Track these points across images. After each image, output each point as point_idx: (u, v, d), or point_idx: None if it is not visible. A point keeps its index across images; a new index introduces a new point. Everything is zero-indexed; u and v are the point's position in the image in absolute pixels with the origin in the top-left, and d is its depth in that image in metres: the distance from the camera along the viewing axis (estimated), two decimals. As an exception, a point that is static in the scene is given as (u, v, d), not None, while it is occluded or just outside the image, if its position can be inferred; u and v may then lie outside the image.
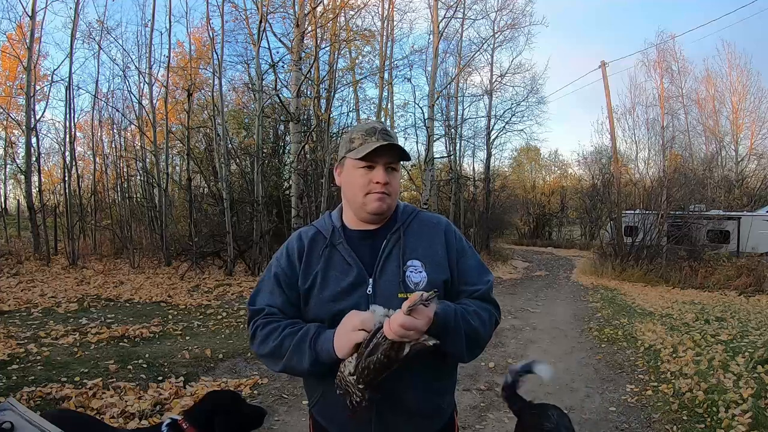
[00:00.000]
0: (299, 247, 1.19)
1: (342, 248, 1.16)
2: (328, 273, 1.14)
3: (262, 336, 1.13)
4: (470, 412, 3.45)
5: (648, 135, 17.11)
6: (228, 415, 1.74)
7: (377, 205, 1.13)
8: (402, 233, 1.17)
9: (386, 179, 1.12)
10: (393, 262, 1.14)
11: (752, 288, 10.32)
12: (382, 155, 1.12)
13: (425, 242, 1.17)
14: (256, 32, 10.97)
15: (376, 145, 1.10)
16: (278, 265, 1.20)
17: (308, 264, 1.16)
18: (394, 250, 1.15)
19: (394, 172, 1.16)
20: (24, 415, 1.12)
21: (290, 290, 1.17)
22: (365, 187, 1.13)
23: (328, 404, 1.15)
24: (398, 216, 1.21)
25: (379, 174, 1.12)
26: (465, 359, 1.12)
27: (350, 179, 1.16)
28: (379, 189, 1.12)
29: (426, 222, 1.22)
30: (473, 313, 1.11)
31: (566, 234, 29.21)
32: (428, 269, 1.13)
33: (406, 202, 1.27)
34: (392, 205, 1.18)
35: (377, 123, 1.18)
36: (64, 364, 3.89)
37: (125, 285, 8.35)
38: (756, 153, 20.44)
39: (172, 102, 15.21)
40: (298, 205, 10.30)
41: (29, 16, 11.03)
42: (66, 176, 11.45)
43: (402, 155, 1.15)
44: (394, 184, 1.15)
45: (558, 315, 7.50)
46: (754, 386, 3.49)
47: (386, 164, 1.13)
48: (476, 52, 17.40)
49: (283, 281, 1.18)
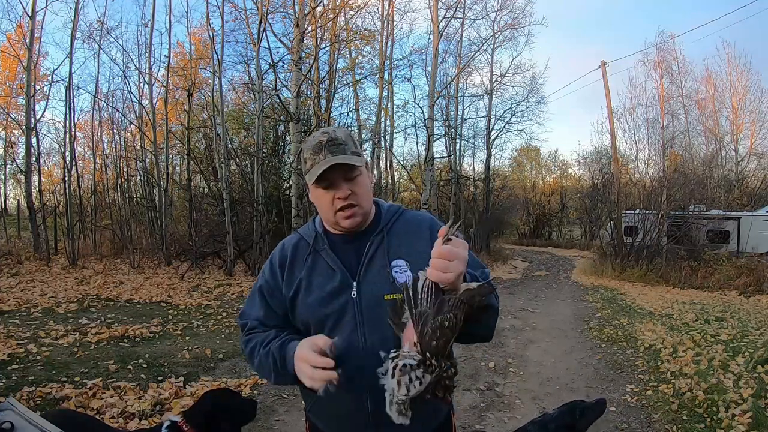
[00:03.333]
0: (281, 257, 1.19)
1: (325, 254, 1.15)
2: (312, 279, 1.14)
3: (247, 353, 1.18)
4: (470, 412, 3.45)
5: (648, 135, 17.15)
6: (226, 413, 1.76)
7: (349, 222, 1.12)
8: (385, 234, 1.16)
9: (347, 192, 1.09)
10: (377, 264, 1.12)
11: (752, 288, 10.32)
12: (335, 170, 1.07)
13: (409, 241, 1.15)
14: (256, 32, 10.98)
15: (322, 168, 1.06)
16: (263, 277, 1.21)
17: (291, 272, 1.16)
18: (378, 252, 1.13)
19: (357, 177, 1.11)
20: (24, 415, 1.12)
21: (273, 300, 1.17)
22: (331, 206, 1.11)
23: (324, 406, 1.14)
24: (381, 217, 1.19)
25: (340, 191, 1.09)
26: (491, 335, 1.12)
27: (316, 201, 1.14)
28: (344, 204, 1.09)
29: (410, 221, 1.20)
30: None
31: (566, 234, 29.19)
32: (413, 268, 1.11)
33: (390, 203, 1.26)
34: (367, 212, 1.15)
35: (322, 134, 1.10)
36: (64, 364, 3.89)
37: (125, 285, 8.35)
38: (756, 153, 20.45)
39: (172, 102, 15.22)
40: (298, 205, 10.29)
41: (29, 16, 11.04)
42: (66, 176, 11.46)
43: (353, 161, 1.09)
44: (359, 191, 1.11)
45: (558, 315, 7.50)
46: (754, 386, 3.49)
47: (344, 177, 1.09)
48: (476, 52, 17.42)
49: (266, 292, 1.18)
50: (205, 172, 14.17)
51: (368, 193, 1.15)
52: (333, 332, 1.09)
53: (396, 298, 1.08)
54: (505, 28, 17.15)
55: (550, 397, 3.81)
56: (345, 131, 1.14)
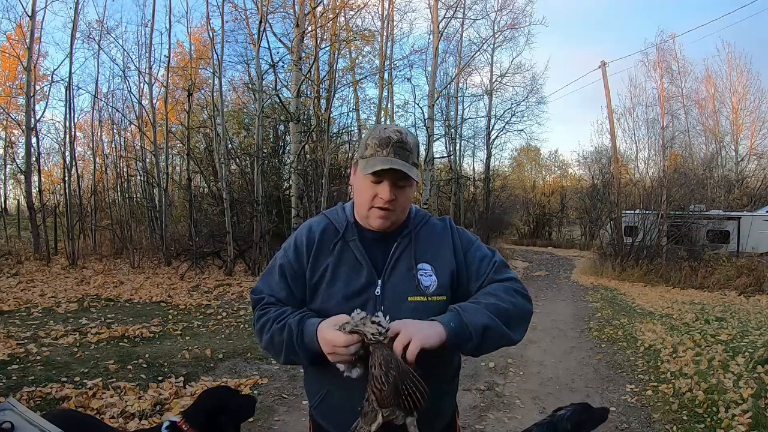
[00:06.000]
0: (309, 240, 1.16)
1: (354, 246, 1.14)
2: (338, 268, 1.13)
3: (257, 328, 1.15)
4: (470, 412, 3.45)
5: (648, 135, 17.19)
6: (225, 411, 1.75)
7: (380, 223, 1.12)
8: (413, 237, 1.16)
9: (391, 196, 1.08)
10: (403, 265, 1.13)
11: (752, 288, 10.32)
12: (391, 172, 1.07)
13: (434, 246, 1.16)
14: (256, 32, 10.99)
15: (382, 166, 1.05)
16: (284, 256, 1.18)
17: (317, 257, 1.14)
18: (405, 253, 1.14)
19: (405, 188, 1.11)
20: (24, 415, 1.12)
21: (295, 283, 1.15)
22: (370, 200, 1.10)
23: (331, 405, 1.14)
24: (410, 220, 1.19)
25: (385, 191, 1.08)
26: (514, 338, 1.08)
27: (358, 187, 1.13)
28: (383, 205, 1.09)
29: (435, 227, 1.21)
30: (487, 295, 1.09)
31: (566, 234, 29.19)
32: (438, 273, 1.13)
33: (418, 207, 1.26)
34: (398, 221, 1.15)
35: (395, 132, 1.09)
36: (64, 364, 3.89)
37: (125, 285, 8.35)
38: (756, 153, 20.45)
39: (172, 102, 15.21)
40: (298, 205, 10.31)
41: (29, 16, 11.03)
42: (66, 176, 11.45)
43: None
44: (402, 200, 1.11)
45: (558, 315, 7.50)
46: (754, 386, 3.49)
47: (394, 181, 1.08)
48: (476, 52, 17.45)
49: (288, 273, 1.16)
50: (205, 172, 14.16)
51: (407, 204, 1.16)
52: None
53: (420, 301, 1.10)
54: (505, 28, 17.20)
55: (550, 397, 3.81)
56: (415, 139, 1.14)
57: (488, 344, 1.04)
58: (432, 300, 1.10)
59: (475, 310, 1.04)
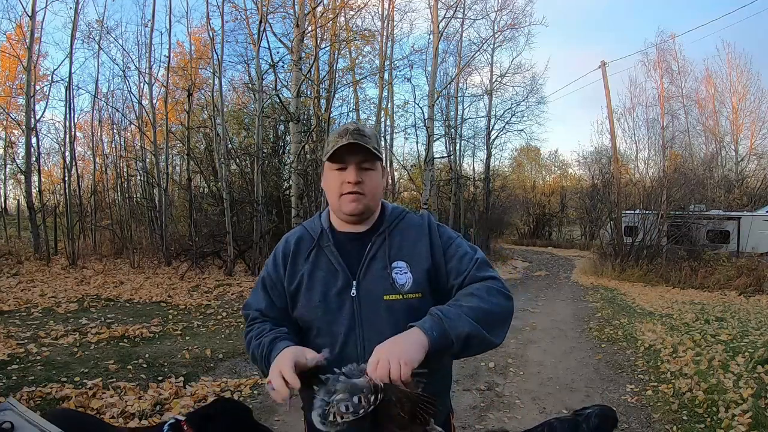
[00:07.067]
0: (284, 250, 1.20)
1: (329, 251, 1.16)
2: (314, 274, 1.15)
3: (246, 343, 1.19)
4: (470, 412, 3.44)
5: (648, 135, 17.17)
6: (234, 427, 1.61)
7: (352, 207, 1.12)
8: (387, 235, 1.16)
9: (357, 179, 1.11)
10: (377, 265, 1.13)
11: (752, 288, 10.32)
12: (354, 155, 1.10)
13: (410, 243, 1.16)
14: (256, 32, 10.98)
15: (340, 144, 1.08)
16: (266, 270, 1.23)
17: (294, 265, 1.17)
18: (379, 252, 1.14)
19: (370, 171, 1.13)
20: (24, 415, 1.12)
21: (274, 293, 1.19)
22: (338, 188, 1.12)
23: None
24: (385, 218, 1.20)
25: (351, 174, 1.10)
26: (495, 342, 1.06)
27: (326, 182, 1.16)
28: (351, 189, 1.11)
29: (412, 223, 1.20)
30: (469, 296, 1.07)
31: (566, 234, 29.22)
32: (413, 270, 1.12)
33: (395, 204, 1.27)
34: (370, 205, 1.15)
35: (352, 124, 1.14)
36: (64, 364, 3.89)
37: (125, 285, 8.35)
38: (756, 153, 20.47)
39: (172, 102, 15.20)
40: (298, 205, 10.30)
41: (29, 16, 11.02)
42: (66, 176, 11.44)
43: (373, 152, 1.12)
44: (369, 183, 1.13)
45: (558, 315, 7.50)
46: (754, 386, 3.49)
47: (358, 163, 1.11)
48: (476, 52, 17.44)
49: (268, 285, 1.20)
50: (205, 172, 14.16)
51: (377, 190, 1.17)
52: (330, 329, 1.10)
53: (395, 299, 1.09)
54: (505, 28, 17.17)
55: (550, 397, 3.81)
56: (373, 129, 1.17)
57: (469, 351, 1.04)
58: (408, 297, 1.10)
59: (458, 316, 1.00)
